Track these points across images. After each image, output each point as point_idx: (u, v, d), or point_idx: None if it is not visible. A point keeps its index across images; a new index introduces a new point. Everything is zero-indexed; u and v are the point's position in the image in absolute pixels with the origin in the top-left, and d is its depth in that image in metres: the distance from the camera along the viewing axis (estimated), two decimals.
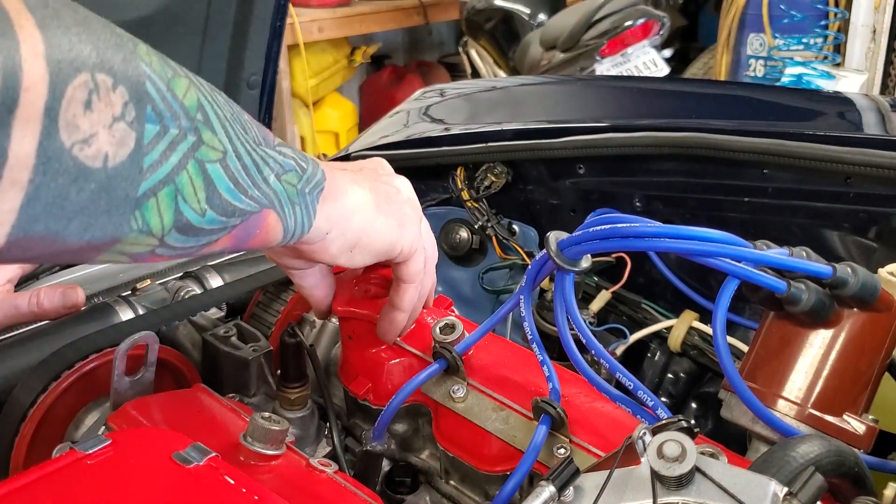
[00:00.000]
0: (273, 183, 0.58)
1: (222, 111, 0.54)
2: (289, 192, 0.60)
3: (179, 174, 0.50)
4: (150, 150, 0.47)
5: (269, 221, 0.59)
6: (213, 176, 0.52)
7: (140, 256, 0.53)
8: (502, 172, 1.32)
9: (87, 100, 0.43)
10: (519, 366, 0.84)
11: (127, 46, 0.47)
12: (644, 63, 3.45)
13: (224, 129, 0.53)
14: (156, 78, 0.48)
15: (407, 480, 0.84)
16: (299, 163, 0.62)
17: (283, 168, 0.60)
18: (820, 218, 1.12)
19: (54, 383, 0.81)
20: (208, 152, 0.52)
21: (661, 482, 0.52)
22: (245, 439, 0.71)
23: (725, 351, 0.67)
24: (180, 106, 0.49)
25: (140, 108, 0.46)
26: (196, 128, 0.50)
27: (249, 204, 0.56)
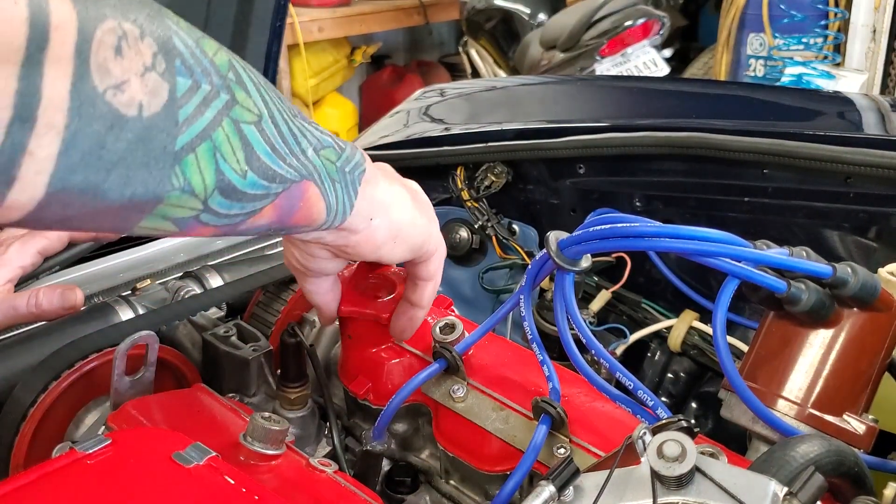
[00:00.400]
0: (311, 156, 0.57)
1: (256, 77, 0.53)
2: (328, 168, 0.59)
3: (216, 130, 0.49)
4: (185, 104, 0.47)
5: (310, 194, 0.58)
6: (249, 137, 0.51)
7: (186, 224, 0.51)
8: (502, 172, 1.32)
9: (117, 45, 0.42)
10: (519, 366, 0.84)
11: (152, 6, 0.47)
12: (644, 63, 3.45)
13: (259, 92, 0.52)
14: (184, 35, 0.47)
15: (407, 480, 0.84)
16: (337, 142, 0.61)
17: (321, 143, 0.59)
18: (820, 218, 1.12)
19: (54, 383, 0.81)
20: (243, 113, 0.51)
21: (661, 482, 0.52)
22: (245, 439, 0.71)
23: (725, 351, 0.67)
24: (210, 63, 0.49)
25: (170, 61, 0.46)
26: (229, 86, 0.50)
27: (289, 171, 0.55)
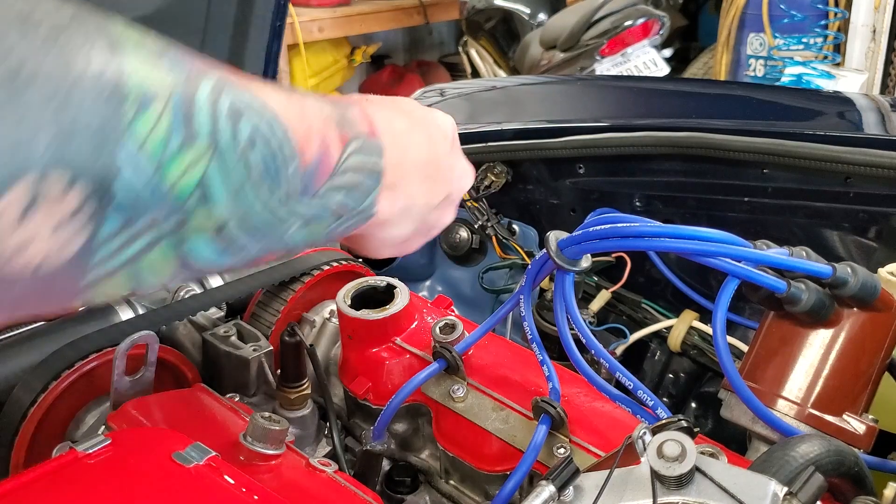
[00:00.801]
0: (293, 234, 0.52)
1: (246, 174, 0.45)
2: (309, 237, 0.54)
3: (140, 261, 0.43)
4: (105, 244, 0.40)
5: (260, 260, 0.53)
6: (190, 251, 0.45)
7: None
8: (502, 172, 1.32)
9: (27, 206, 0.36)
10: (519, 365, 0.84)
11: (115, 120, 0.38)
12: (644, 63, 3.45)
13: (234, 198, 0.45)
14: (137, 165, 0.40)
15: (407, 480, 0.84)
16: (347, 205, 0.55)
17: (314, 218, 0.53)
18: (820, 218, 1.12)
19: (54, 383, 0.81)
20: (194, 231, 0.45)
21: (661, 482, 0.52)
22: (245, 439, 0.71)
23: (725, 350, 0.67)
24: (165, 193, 0.41)
25: (103, 203, 0.39)
26: (182, 212, 0.43)
27: (238, 261, 0.50)
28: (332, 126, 0.52)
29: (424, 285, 1.43)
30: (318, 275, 0.99)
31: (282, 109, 0.47)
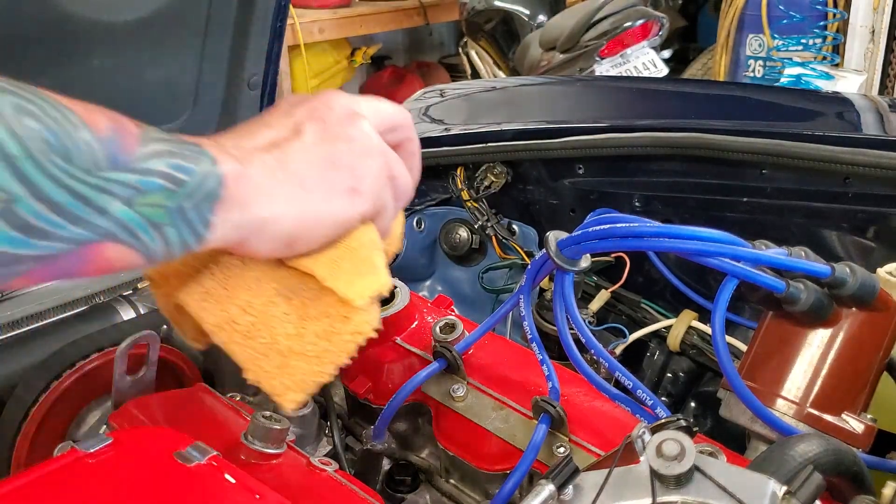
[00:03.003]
0: (117, 210, 0.48)
1: (21, 144, 0.43)
2: (149, 214, 0.50)
3: None
4: None
5: (104, 255, 0.49)
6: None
7: None
8: (502, 172, 1.32)
9: None
10: (519, 365, 0.84)
11: None
12: (643, 64, 3.45)
13: (14, 169, 0.43)
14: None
15: (407, 479, 0.84)
16: (174, 175, 0.50)
17: (138, 190, 0.49)
18: (818, 218, 1.12)
19: (56, 382, 0.82)
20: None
21: (661, 481, 0.52)
22: (246, 438, 0.71)
23: (724, 350, 0.67)
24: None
25: None
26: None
27: (53, 247, 0.46)
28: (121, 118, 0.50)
29: (424, 285, 1.43)
30: None
31: (48, 92, 0.46)
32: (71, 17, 1.01)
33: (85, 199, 0.46)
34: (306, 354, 0.63)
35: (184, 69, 1.21)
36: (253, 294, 0.63)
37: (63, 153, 0.45)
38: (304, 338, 0.63)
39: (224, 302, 0.63)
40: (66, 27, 1.02)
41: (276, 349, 0.62)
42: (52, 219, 0.45)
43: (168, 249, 0.52)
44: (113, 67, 1.10)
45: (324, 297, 0.63)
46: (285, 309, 0.63)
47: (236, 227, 0.54)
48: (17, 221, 0.44)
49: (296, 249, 0.59)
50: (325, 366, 0.63)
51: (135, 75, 1.14)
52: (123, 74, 1.12)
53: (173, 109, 1.25)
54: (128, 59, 1.12)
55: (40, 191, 0.44)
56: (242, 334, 0.63)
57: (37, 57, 1.02)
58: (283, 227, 0.57)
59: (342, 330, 0.63)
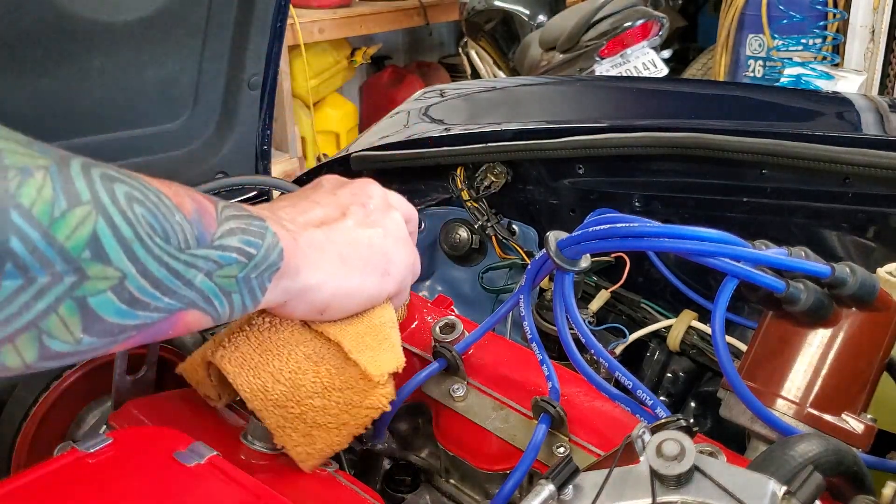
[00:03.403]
0: (200, 282, 0.54)
1: (133, 229, 0.49)
2: (223, 284, 0.56)
3: (46, 318, 0.46)
4: (6, 306, 0.44)
5: (187, 319, 0.55)
6: (96, 306, 0.48)
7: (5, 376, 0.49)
8: (502, 172, 1.32)
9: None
10: (519, 365, 0.84)
11: (0, 190, 0.43)
12: (643, 64, 3.45)
13: (128, 252, 0.49)
14: (28, 228, 0.44)
15: (407, 479, 0.84)
16: (246, 250, 0.57)
17: (217, 264, 0.55)
18: (818, 218, 1.12)
19: (56, 382, 0.82)
20: (94, 285, 0.48)
21: (661, 481, 0.52)
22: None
23: (724, 350, 0.67)
24: (59, 251, 0.45)
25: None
26: (79, 267, 0.47)
27: (152, 316, 0.52)
28: (196, 193, 0.57)
29: (424, 285, 1.43)
30: None
31: (143, 177, 0.52)
32: (71, 16, 1.01)
33: (177, 274, 0.53)
34: (328, 426, 0.68)
35: (184, 69, 1.21)
36: (283, 361, 0.67)
37: (163, 235, 0.51)
38: (329, 410, 0.68)
39: (258, 369, 0.67)
40: (66, 27, 1.02)
41: (303, 419, 0.67)
42: (151, 292, 0.51)
43: (231, 313, 0.58)
44: (113, 67, 1.10)
45: (348, 368, 0.68)
46: (312, 377, 0.67)
47: (284, 292, 0.62)
48: (126, 296, 0.50)
49: (326, 316, 0.67)
50: (343, 437, 0.69)
51: (135, 75, 1.14)
52: (123, 74, 1.12)
53: (173, 109, 1.25)
54: (128, 58, 1.12)
55: (146, 268, 0.50)
56: (274, 403, 0.67)
57: (37, 57, 1.02)
58: (321, 294, 0.64)
59: (361, 403, 0.68)
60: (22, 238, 0.44)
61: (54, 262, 0.45)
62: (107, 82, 1.09)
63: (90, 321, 0.48)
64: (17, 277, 0.44)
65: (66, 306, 0.47)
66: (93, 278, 0.47)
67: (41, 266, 0.45)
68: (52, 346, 0.47)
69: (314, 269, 0.63)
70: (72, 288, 0.47)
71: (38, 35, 1.00)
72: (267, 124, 1.37)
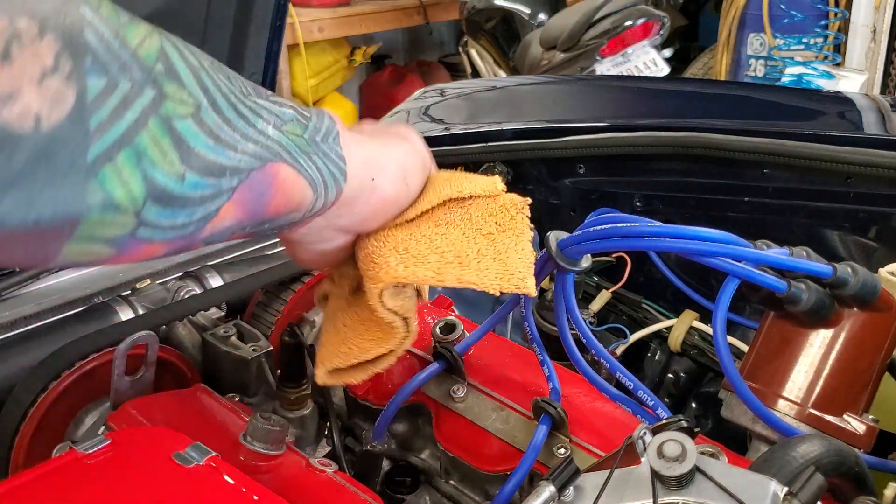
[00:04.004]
0: (273, 134, 0.52)
1: (196, 60, 0.47)
2: (297, 142, 0.54)
3: (139, 134, 0.43)
4: (97, 109, 0.41)
5: (282, 176, 0.52)
6: (184, 133, 0.45)
7: (123, 244, 0.45)
8: (502, 172, 1.32)
9: (5, 49, 0.37)
10: (519, 366, 0.84)
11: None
12: (644, 63, 3.45)
13: (197, 79, 0.46)
14: (100, 24, 0.41)
15: (407, 480, 0.84)
16: (300, 111, 0.55)
17: (281, 118, 0.53)
18: (820, 217, 1.12)
19: (54, 383, 0.81)
20: (175, 107, 0.45)
21: (662, 482, 0.52)
22: (245, 439, 0.71)
23: (725, 350, 0.67)
24: (133, 55, 0.43)
25: (78, 59, 0.40)
26: (156, 80, 0.44)
27: (244, 159, 0.49)
28: None
29: None
30: (318, 274, 0.99)
31: None
32: None
33: (246, 119, 0.50)
34: (508, 248, 0.70)
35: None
36: (430, 242, 0.66)
37: (225, 74, 0.49)
38: (495, 238, 0.70)
39: (421, 257, 0.66)
40: None
41: (489, 258, 0.68)
42: (229, 132, 0.48)
43: (324, 180, 0.56)
44: None
45: (471, 209, 0.70)
46: (461, 231, 0.68)
47: (363, 163, 0.59)
48: (207, 129, 0.47)
49: (410, 185, 0.65)
50: (526, 246, 0.71)
51: None
52: None
53: None
54: None
55: (216, 103, 0.48)
56: (458, 265, 0.66)
57: None
58: (394, 160, 0.63)
59: (509, 214, 0.73)
60: (96, 33, 0.41)
61: (131, 66, 0.42)
62: None
63: (184, 150, 0.45)
64: (100, 76, 0.41)
65: (154, 123, 0.44)
66: (171, 98, 0.45)
67: (120, 68, 0.42)
68: (156, 177, 0.44)
69: (367, 140, 0.62)
70: (154, 104, 0.44)
71: None
72: None
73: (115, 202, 0.43)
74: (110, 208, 0.43)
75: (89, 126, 0.41)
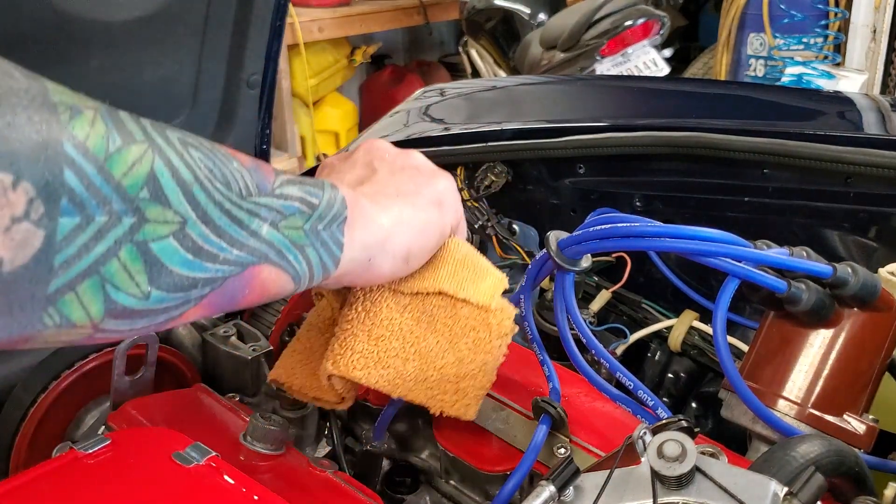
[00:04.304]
0: (267, 233, 0.51)
1: (190, 174, 0.46)
2: (292, 236, 0.53)
3: (108, 263, 0.43)
4: (65, 246, 0.41)
5: (263, 276, 0.52)
6: (159, 253, 0.45)
7: (78, 342, 0.46)
8: (502, 172, 1.32)
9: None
10: (519, 366, 0.84)
11: (51, 122, 0.40)
12: (644, 63, 3.45)
13: (188, 195, 0.46)
14: (83, 161, 0.41)
15: (407, 480, 0.84)
16: (307, 199, 0.55)
17: (281, 213, 0.53)
18: (820, 218, 1.11)
19: (54, 382, 0.81)
20: (155, 229, 0.45)
21: (662, 482, 0.52)
22: (245, 439, 0.71)
23: (726, 350, 0.67)
24: (115, 187, 0.42)
25: (52, 202, 0.39)
26: (138, 207, 0.43)
27: (222, 269, 0.49)
28: None
29: None
30: None
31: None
32: (69, 16, 1.01)
33: (240, 223, 0.50)
34: (472, 373, 0.68)
35: (182, 68, 1.21)
36: (400, 338, 0.66)
37: (223, 180, 0.49)
38: (465, 358, 0.68)
39: (382, 359, 0.66)
40: (65, 27, 1.02)
41: (447, 380, 0.67)
42: (216, 241, 0.48)
43: (311, 271, 0.56)
44: (111, 66, 1.10)
45: (459, 311, 0.67)
46: (434, 338, 0.67)
47: (364, 247, 0.59)
48: (190, 244, 0.47)
49: (411, 263, 0.65)
50: (488, 374, 0.69)
51: (133, 74, 1.14)
52: (122, 73, 1.12)
53: (172, 108, 1.25)
54: (126, 58, 1.11)
55: (206, 214, 0.47)
56: (413, 381, 0.66)
57: (35, 56, 1.02)
58: (401, 238, 0.62)
59: (490, 336, 0.68)
60: (77, 172, 0.40)
61: (111, 199, 0.42)
62: (105, 82, 1.09)
63: (156, 271, 0.45)
64: (74, 214, 0.41)
65: (127, 251, 0.43)
66: (152, 221, 0.44)
67: (98, 203, 0.42)
68: (118, 300, 0.44)
69: (383, 212, 0.61)
70: (132, 231, 0.43)
71: (37, 35, 1.00)
72: (266, 123, 1.37)
73: (72, 322, 0.43)
74: (66, 326, 0.43)
75: (54, 263, 0.41)
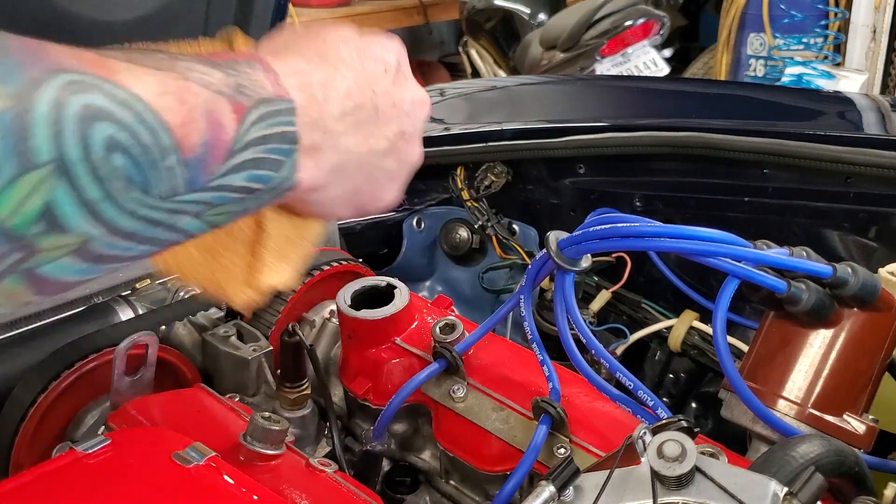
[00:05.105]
0: (185, 224, 0.47)
1: (102, 187, 0.41)
2: (216, 221, 0.49)
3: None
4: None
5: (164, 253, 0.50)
6: (48, 273, 0.42)
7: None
8: (502, 172, 1.32)
9: None
10: (519, 366, 0.84)
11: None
12: (644, 63, 3.45)
13: (92, 213, 0.41)
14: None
15: (407, 480, 0.84)
16: (250, 187, 0.49)
17: (209, 205, 0.48)
18: (820, 218, 1.12)
19: (54, 383, 0.81)
20: (47, 256, 0.41)
21: (661, 482, 0.52)
22: (245, 439, 0.71)
23: (725, 350, 0.67)
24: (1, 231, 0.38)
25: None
26: (26, 244, 0.40)
27: (122, 264, 0.46)
28: (223, 99, 0.46)
29: (424, 285, 1.43)
30: (318, 275, 0.99)
31: (154, 96, 0.43)
32: (70, 16, 1.01)
33: (156, 223, 0.45)
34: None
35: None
36: None
37: (143, 187, 0.43)
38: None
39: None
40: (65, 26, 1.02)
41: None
42: (123, 245, 0.44)
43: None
44: None
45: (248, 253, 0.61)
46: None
47: (317, 165, 0.53)
48: (90, 256, 0.43)
49: (365, 200, 0.61)
50: None
51: None
52: None
53: None
54: None
55: (116, 226, 0.43)
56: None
57: None
58: (356, 165, 0.57)
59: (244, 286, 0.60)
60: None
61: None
62: None
63: (41, 286, 0.42)
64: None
65: (10, 280, 0.40)
66: (46, 250, 0.40)
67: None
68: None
69: (322, 193, 0.55)
70: (17, 264, 0.40)
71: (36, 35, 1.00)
72: None
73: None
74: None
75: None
